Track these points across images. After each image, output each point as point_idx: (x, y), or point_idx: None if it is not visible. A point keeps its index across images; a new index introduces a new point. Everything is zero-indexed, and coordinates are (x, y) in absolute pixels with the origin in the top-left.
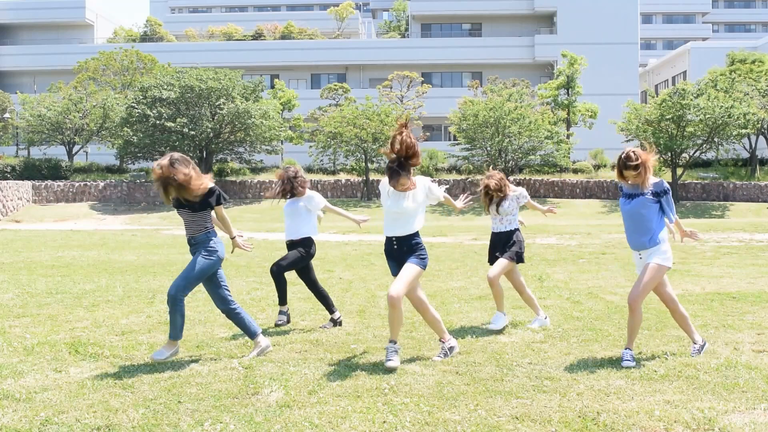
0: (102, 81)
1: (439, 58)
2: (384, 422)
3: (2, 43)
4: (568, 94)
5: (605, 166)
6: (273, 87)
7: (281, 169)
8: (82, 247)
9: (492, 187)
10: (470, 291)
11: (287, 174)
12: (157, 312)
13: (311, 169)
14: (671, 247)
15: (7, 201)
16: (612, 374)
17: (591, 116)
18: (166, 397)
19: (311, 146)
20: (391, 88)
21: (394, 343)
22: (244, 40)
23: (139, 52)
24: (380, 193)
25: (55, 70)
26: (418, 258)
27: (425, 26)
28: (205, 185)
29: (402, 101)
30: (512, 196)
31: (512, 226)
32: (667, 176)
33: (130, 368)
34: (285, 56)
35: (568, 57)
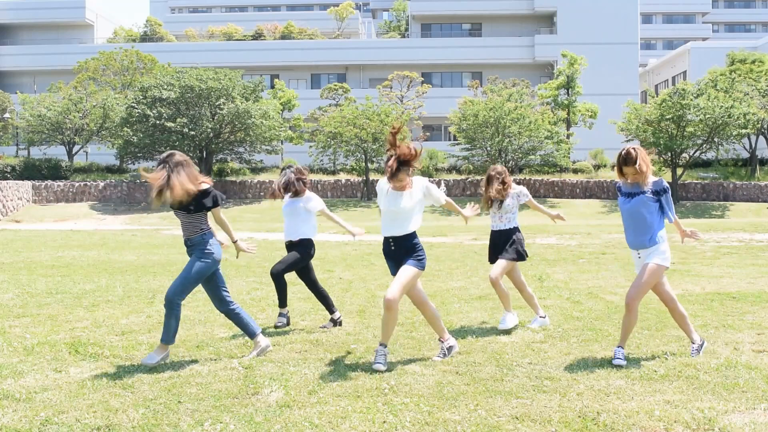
0: (102, 81)
1: (439, 58)
2: (384, 422)
3: (2, 43)
4: (568, 94)
5: (605, 166)
6: (273, 87)
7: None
8: (82, 247)
9: (499, 172)
10: (470, 291)
11: (291, 176)
12: (157, 312)
13: (311, 169)
14: (670, 247)
15: (7, 201)
16: (612, 374)
17: (591, 116)
18: (166, 397)
19: (311, 146)
20: (391, 88)
21: (384, 347)
22: (244, 40)
23: (139, 52)
24: (377, 193)
25: (55, 70)
26: (416, 259)
27: (425, 26)
28: (189, 189)
29: (402, 101)
30: (513, 194)
31: (512, 225)
32: (667, 176)
33: (130, 368)
34: (285, 56)
35: (568, 57)
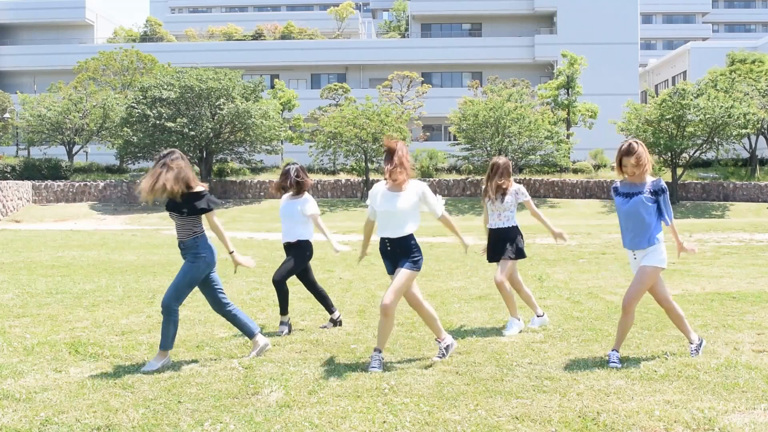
0: (102, 81)
1: (439, 58)
2: (384, 422)
3: (2, 43)
4: (568, 94)
5: (605, 166)
6: (273, 87)
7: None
8: (82, 247)
9: (501, 163)
10: (470, 291)
11: (291, 175)
12: (157, 312)
13: (311, 169)
14: (667, 248)
15: (7, 201)
16: (612, 374)
17: (591, 116)
18: (166, 397)
19: (311, 146)
20: (391, 88)
21: (379, 352)
22: (244, 40)
23: (139, 52)
24: (370, 197)
25: (55, 70)
26: (411, 261)
27: (425, 26)
28: (172, 188)
29: (402, 101)
30: (512, 191)
31: (510, 223)
32: (667, 176)
33: (130, 368)
34: (285, 56)
35: (568, 57)
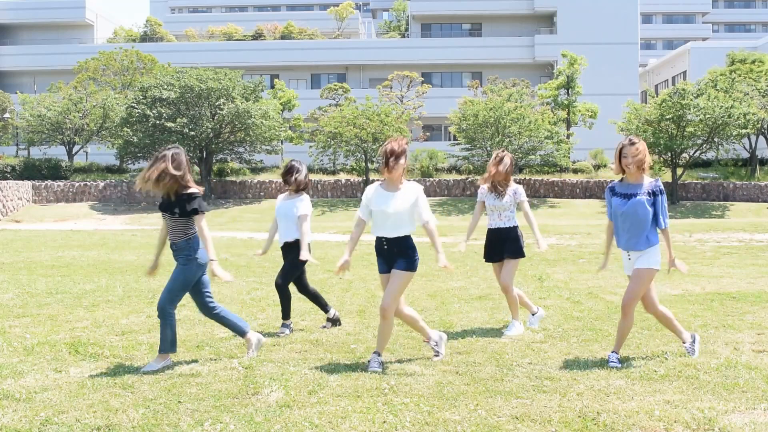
0: (102, 81)
1: (439, 58)
2: (384, 422)
3: (2, 43)
4: (568, 94)
5: (605, 166)
6: (273, 87)
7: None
8: (82, 247)
9: (508, 156)
10: (470, 291)
11: (303, 172)
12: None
13: (311, 169)
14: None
15: (7, 201)
16: (612, 374)
17: (591, 116)
18: (166, 397)
19: (311, 146)
20: (391, 88)
21: (379, 355)
22: (244, 40)
23: (139, 52)
24: (363, 200)
25: (55, 70)
26: (409, 263)
27: (425, 26)
28: (161, 181)
29: (402, 101)
30: (510, 191)
31: (511, 223)
32: (667, 176)
33: (130, 368)
34: (285, 56)
35: (568, 57)
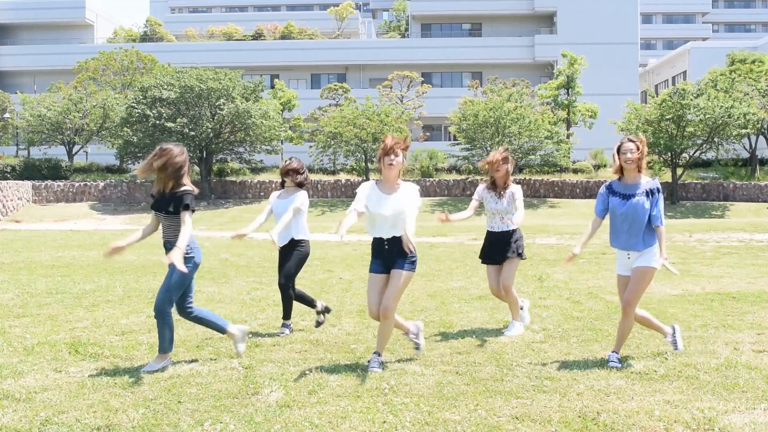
0: (102, 81)
1: (439, 58)
2: (384, 422)
3: (2, 43)
4: (568, 94)
5: (605, 166)
6: (273, 87)
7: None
8: (82, 247)
9: (495, 159)
10: (470, 291)
11: (290, 166)
12: None
13: (311, 169)
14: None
15: (7, 201)
16: (612, 374)
17: (591, 116)
18: (166, 397)
19: (311, 146)
20: (391, 88)
21: (379, 355)
22: (244, 40)
23: (139, 52)
24: (358, 194)
25: (55, 70)
26: (409, 263)
27: (425, 26)
28: (174, 163)
29: (402, 101)
30: (508, 194)
31: (513, 226)
32: (667, 176)
33: (130, 368)
34: (285, 56)
35: (568, 57)
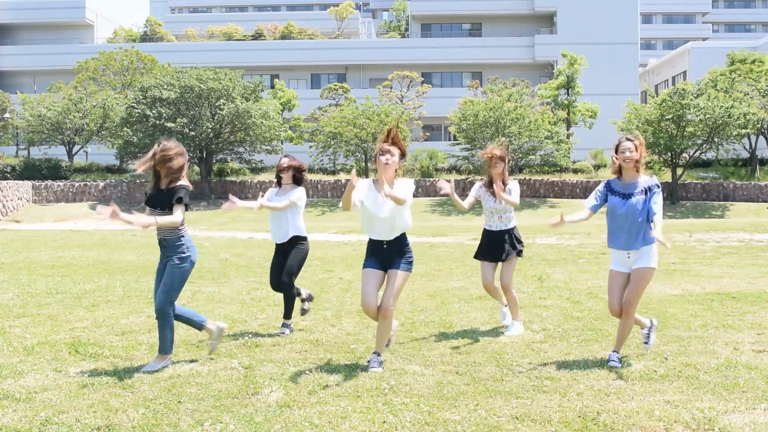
0: (102, 81)
1: (439, 58)
2: (384, 422)
3: (2, 43)
4: (568, 94)
5: (605, 166)
6: (273, 87)
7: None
8: (82, 247)
9: (498, 154)
10: (470, 291)
11: (293, 163)
12: None
13: (311, 169)
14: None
15: (7, 201)
16: (612, 374)
17: (591, 116)
18: (166, 397)
19: (311, 146)
20: (391, 88)
21: (378, 355)
22: (244, 40)
23: (139, 52)
24: (357, 188)
25: (55, 70)
26: (407, 262)
27: (425, 26)
28: (173, 156)
29: (402, 101)
30: (506, 190)
31: (512, 224)
32: (667, 176)
33: (130, 368)
34: (285, 56)
35: (568, 57)
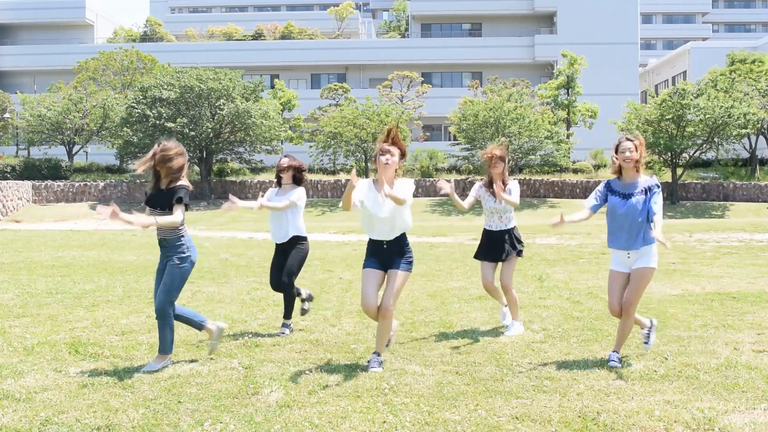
0: (102, 81)
1: (439, 58)
2: (384, 422)
3: (2, 43)
4: (568, 94)
5: (605, 166)
6: (273, 87)
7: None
8: (82, 247)
9: (498, 154)
10: (470, 291)
11: (293, 163)
12: None
13: (311, 169)
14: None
15: (7, 201)
16: (612, 374)
17: (591, 116)
18: (166, 397)
19: (311, 146)
20: (391, 88)
21: (378, 355)
22: (244, 40)
23: (139, 52)
24: (357, 188)
25: (55, 70)
26: (407, 262)
27: (425, 26)
28: (159, 164)
29: (402, 101)
30: (506, 190)
31: (512, 224)
32: (667, 176)
33: (130, 368)
34: (285, 56)
35: (568, 57)
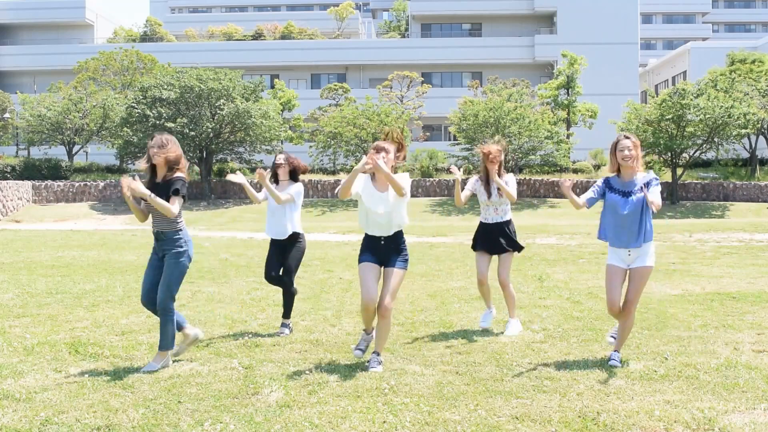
0: (102, 81)
1: (439, 58)
2: (384, 422)
3: (2, 43)
4: (568, 94)
5: (605, 165)
6: (273, 87)
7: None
8: (82, 247)
9: (493, 151)
10: (470, 291)
11: (291, 161)
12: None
13: (311, 169)
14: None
15: (7, 201)
16: (612, 374)
17: (591, 116)
18: (166, 397)
19: (311, 146)
20: (391, 88)
21: (378, 355)
22: (244, 40)
23: (139, 52)
24: (356, 181)
25: (55, 70)
26: (403, 260)
27: (425, 26)
28: (156, 155)
29: (402, 101)
30: (502, 182)
31: (508, 216)
32: (667, 176)
33: (130, 368)
34: (285, 56)
35: (568, 57)
